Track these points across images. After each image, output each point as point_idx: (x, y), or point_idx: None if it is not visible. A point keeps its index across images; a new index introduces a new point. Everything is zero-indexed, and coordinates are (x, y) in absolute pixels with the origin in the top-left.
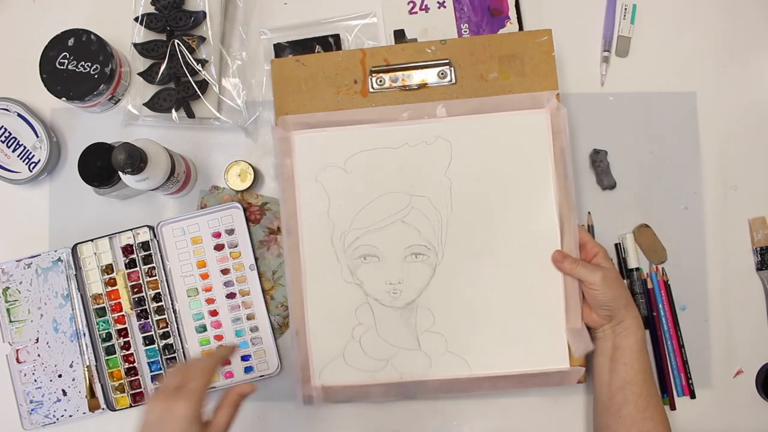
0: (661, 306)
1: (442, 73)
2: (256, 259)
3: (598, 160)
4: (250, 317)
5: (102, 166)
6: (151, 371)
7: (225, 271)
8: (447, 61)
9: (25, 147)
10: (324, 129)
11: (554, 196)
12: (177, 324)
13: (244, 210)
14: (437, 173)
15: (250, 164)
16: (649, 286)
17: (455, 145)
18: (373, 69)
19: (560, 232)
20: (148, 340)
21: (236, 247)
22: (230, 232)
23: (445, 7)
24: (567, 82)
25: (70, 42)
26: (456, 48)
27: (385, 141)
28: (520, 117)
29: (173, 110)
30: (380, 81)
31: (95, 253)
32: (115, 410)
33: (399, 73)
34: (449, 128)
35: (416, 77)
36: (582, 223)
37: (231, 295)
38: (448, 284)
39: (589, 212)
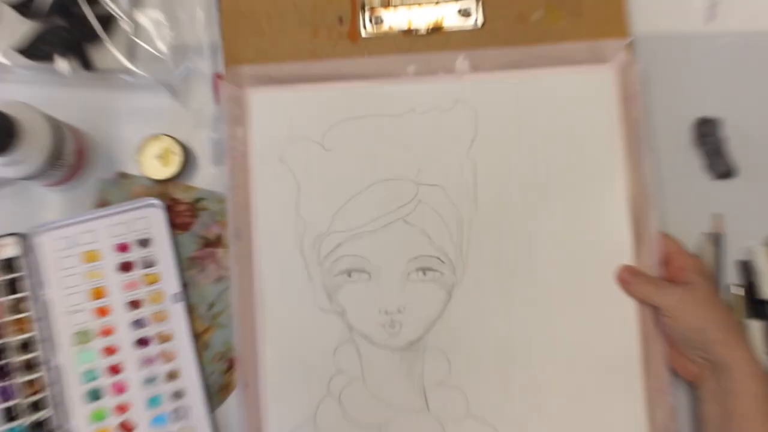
0: None
1: (465, 12)
2: (184, 286)
3: (707, 134)
4: (172, 376)
5: None
6: None
7: (135, 304)
8: None
9: None
10: (294, 86)
11: (625, 189)
12: (57, 388)
13: (167, 209)
14: (456, 153)
15: (176, 140)
16: None
17: (482, 114)
18: (367, 2)
19: (633, 241)
20: (9, 416)
21: (153, 267)
22: (144, 243)
23: None
24: (647, 18)
25: None
26: None
27: (382, 106)
28: (575, 76)
29: (61, 59)
30: (377, 20)
31: None
32: None
33: (403, 10)
34: (474, 89)
35: (428, 16)
36: (704, 230)
37: (143, 342)
38: (470, 315)
39: (716, 214)
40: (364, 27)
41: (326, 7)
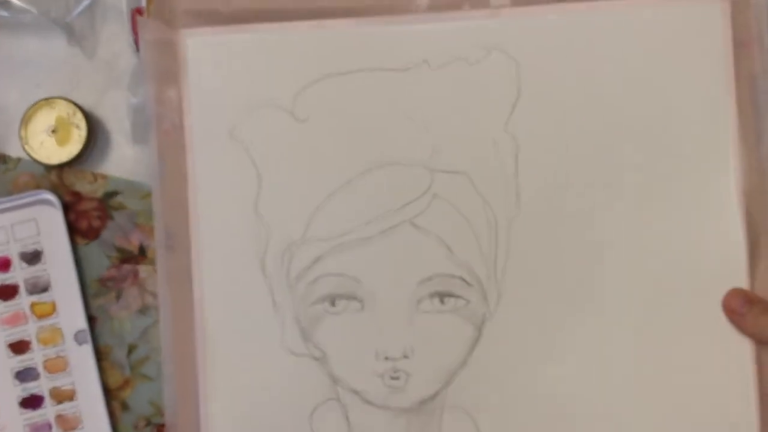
0: None
1: None
2: (90, 321)
3: None
4: None
5: None
6: None
7: (19, 347)
8: None
9: None
10: (250, 26)
11: (736, 179)
12: None
13: (66, 208)
14: (489, 125)
15: (78, 107)
16: None
17: (528, 68)
18: None
19: (747, 254)
20: None
21: (45, 292)
22: (32, 258)
23: None
24: None
25: None
26: None
27: (380, 56)
28: (664, 11)
29: None
30: None
31: None
32: None
33: None
34: (515, 31)
35: None
36: None
37: (31, 403)
38: (506, 361)
39: None
40: None
41: None
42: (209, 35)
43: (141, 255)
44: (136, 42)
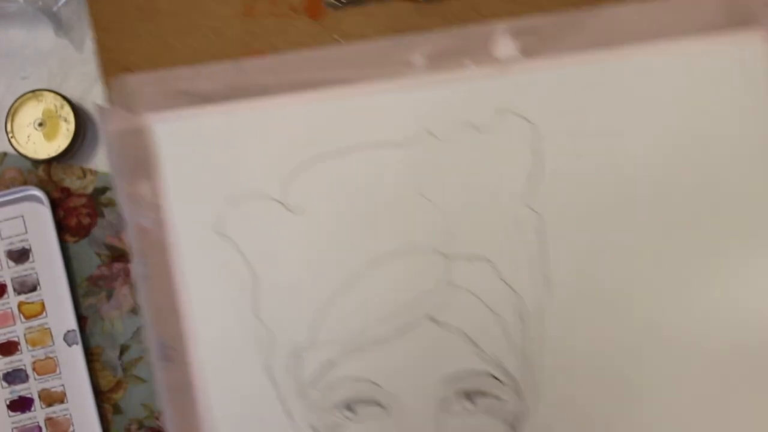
0: None
1: None
2: (81, 321)
3: None
4: None
5: None
6: None
7: (7, 349)
8: None
9: None
10: (227, 105)
11: None
12: None
13: (55, 205)
14: (506, 200)
15: (67, 100)
16: None
17: (546, 129)
18: None
19: None
20: None
21: (34, 291)
22: (20, 256)
23: None
24: None
25: None
26: None
27: (378, 127)
28: (700, 51)
29: None
30: None
31: None
32: None
33: None
34: (528, 88)
35: None
36: None
37: (20, 405)
38: None
39: None
40: None
41: None
42: (180, 119)
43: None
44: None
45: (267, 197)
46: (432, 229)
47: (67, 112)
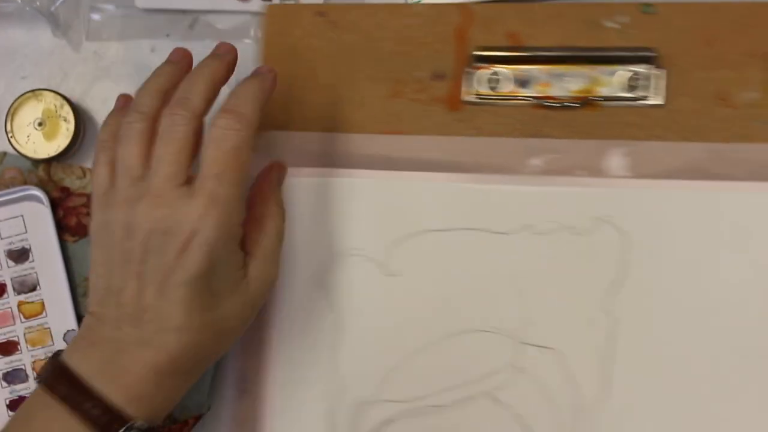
0: None
1: (636, 79)
2: (80, 320)
3: None
4: None
5: None
6: None
7: (7, 348)
8: (652, 52)
9: None
10: (348, 171)
11: None
12: None
13: (55, 205)
14: (587, 300)
15: (66, 99)
16: None
17: (639, 243)
18: (481, 52)
19: None
20: None
21: (34, 291)
22: (20, 256)
23: None
24: None
25: None
26: (675, 23)
27: (483, 216)
28: None
29: None
30: (493, 81)
31: None
32: None
33: (537, 69)
34: (631, 204)
35: (576, 82)
36: None
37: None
38: None
39: None
40: (473, 90)
41: (419, 54)
42: (308, 176)
43: None
44: None
45: (367, 257)
46: (511, 315)
47: (67, 112)
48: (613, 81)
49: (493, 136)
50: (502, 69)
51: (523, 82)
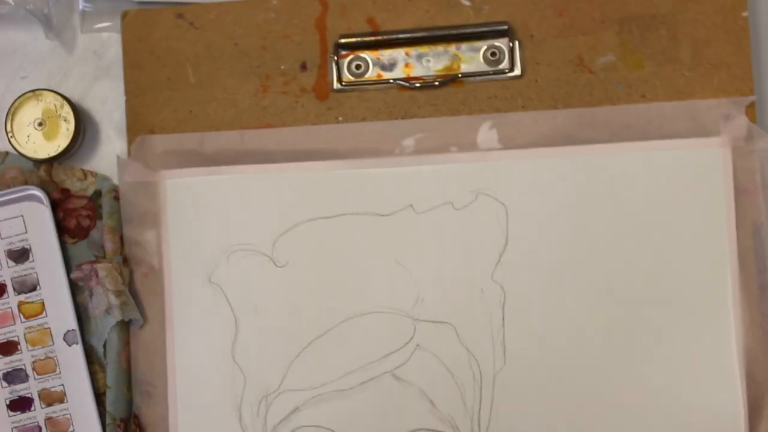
0: None
1: (494, 53)
2: (80, 321)
3: None
4: None
5: None
6: None
7: (7, 348)
8: (504, 26)
9: None
10: (231, 168)
11: (736, 335)
12: None
13: (54, 206)
14: (475, 273)
15: (66, 99)
16: None
17: (517, 214)
18: (343, 39)
19: (746, 420)
20: None
21: (34, 291)
22: (20, 256)
23: None
24: None
25: None
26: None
27: (364, 200)
28: (662, 156)
29: None
30: (357, 67)
31: None
32: None
33: (399, 52)
34: (504, 176)
35: (438, 61)
36: None
37: (20, 405)
38: None
39: None
40: (339, 77)
41: (282, 47)
42: (188, 177)
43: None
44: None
45: (256, 250)
46: (404, 294)
47: (67, 112)
48: (472, 57)
49: (365, 121)
50: (365, 55)
51: (386, 66)
